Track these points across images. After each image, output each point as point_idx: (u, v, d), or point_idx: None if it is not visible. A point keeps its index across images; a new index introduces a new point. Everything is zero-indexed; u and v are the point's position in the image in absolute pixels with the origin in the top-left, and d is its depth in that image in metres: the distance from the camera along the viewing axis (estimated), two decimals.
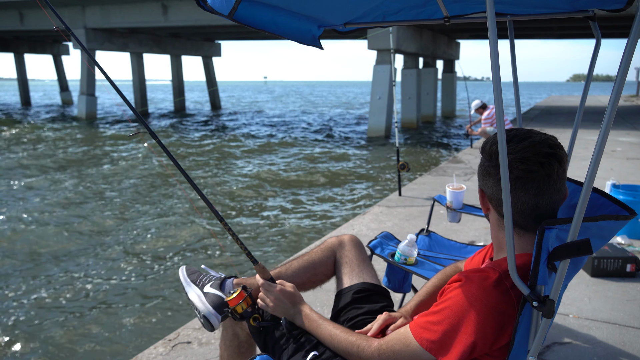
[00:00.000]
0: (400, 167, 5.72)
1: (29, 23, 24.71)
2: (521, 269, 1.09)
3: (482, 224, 4.65)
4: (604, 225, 1.13)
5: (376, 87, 19.04)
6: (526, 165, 1.10)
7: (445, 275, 1.64)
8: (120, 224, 7.27)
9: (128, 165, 12.22)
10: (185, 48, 31.52)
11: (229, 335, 1.73)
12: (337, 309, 1.69)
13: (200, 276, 1.68)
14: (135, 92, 28.17)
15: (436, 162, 12.34)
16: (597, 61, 1.47)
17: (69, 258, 5.96)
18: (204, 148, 15.35)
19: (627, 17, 7.09)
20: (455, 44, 28.03)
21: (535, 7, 1.55)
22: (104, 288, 5.11)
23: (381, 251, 2.44)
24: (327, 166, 12.17)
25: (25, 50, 36.23)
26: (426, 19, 1.73)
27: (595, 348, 2.55)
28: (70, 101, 40.73)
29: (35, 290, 5.07)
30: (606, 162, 7.98)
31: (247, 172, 11.49)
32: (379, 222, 4.88)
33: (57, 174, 11.10)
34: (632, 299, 3.10)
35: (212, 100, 36.69)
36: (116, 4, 22.20)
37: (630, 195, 4.12)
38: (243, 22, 1.38)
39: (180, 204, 8.40)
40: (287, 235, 6.76)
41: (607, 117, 0.96)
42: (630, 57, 0.95)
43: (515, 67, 1.65)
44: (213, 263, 5.81)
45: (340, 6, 1.55)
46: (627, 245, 3.88)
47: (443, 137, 18.41)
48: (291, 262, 1.80)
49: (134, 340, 4.07)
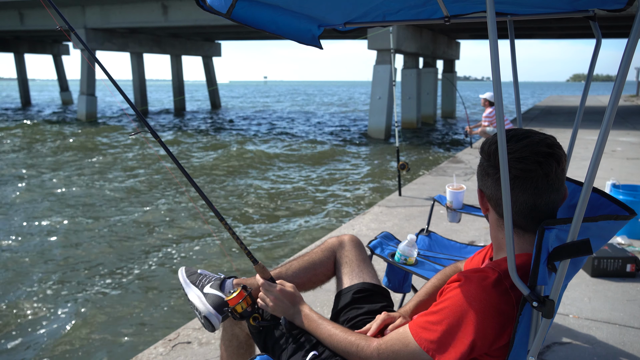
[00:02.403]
0: (400, 167, 5.73)
1: (29, 23, 24.71)
2: (521, 269, 1.09)
3: (482, 224, 4.65)
4: (604, 226, 1.13)
5: (376, 87, 19.03)
6: (524, 164, 1.10)
7: (445, 276, 1.64)
8: (120, 224, 7.27)
9: (128, 165, 12.22)
10: (185, 48, 31.56)
11: (229, 336, 1.73)
12: (337, 309, 1.69)
13: (200, 277, 1.68)
14: (135, 91, 28.20)
15: (436, 162, 12.33)
16: (597, 61, 1.47)
17: (68, 258, 5.95)
18: (203, 148, 15.34)
19: (628, 17, 7.09)
20: (455, 44, 28.03)
21: (536, 7, 1.55)
22: (103, 288, 5.11)
23: (381, 251, 2.44)
24: (327, 166, 12.17)
25: (25, 50, 36.24)
26: (426, 18, 1.74)
27: (595, 348, 2.55)
28: (71, 101, 40.76)
29: (34, 290, 5.07)
30: (606, 162, 7.97)
31: (247, 172, 11.49)
32: (379, 222, 4.88)
33: (57, 174, 11.10)
34: (632, 299, 3.10)
35: (212, 99, 36.74)
36: (116, 4, 22.20)
37: (630, 195, 4.11)
38: (242, 22, 1.38)
39: (180, 203, 8.40)
40: (287, 235, 6.76)
41: (607, 117, 0.96)
42: (631, 57, 0.95)
43: (515, 67, 1.65)
44: (213, 263, 5.81)
45: (341, 6, 1.55)
46: (627, 245, 3.88)
47: (443, 137, 18.41)
48: (291, 262, 1.81)
49: (133, 340, 4.07)
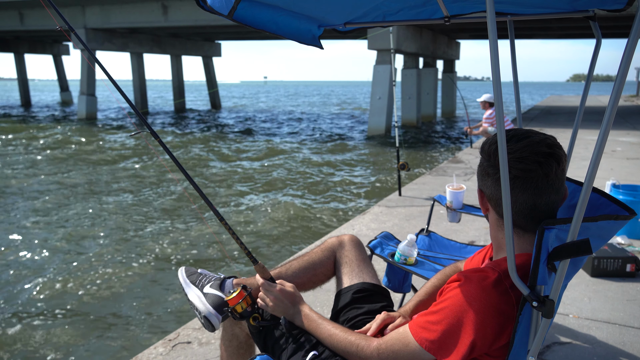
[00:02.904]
0: (400, 167, 5.72)
1: (29, 23, 24.71)
2: (521, 268, 1.09)
3: (482, 224, 4.64)
4: (604, 225, 1.13)
5: (376, 87, 19.04)
6: (524, 164, 1.10)
7: (445, 276, 1.64)
8: (119, 224, 7.27)
9: (128, 165, 12.21)
10: (185, 48, 31.57)
11: (229, 336, 1.73)
12: (337, 309, 1.69)
13: (200, 277, 1.68)
14: (135, 91, 28.21)
15: (436, 162, 12.33)
16: (597, 61, 1.47)
17: (67, 258, 5.95)
18: (203, 148, 15.34)
19: (628, 17, 7.09)
20: (455, 44, 28.03)
21: (536, 7, 1.55)
22: (103, 288, 5.11)
23: (381, 251, 2.44)
24: (327, 166, 12.17)
25: (25, 50, 36.25)
26: (426, 18, 1.74)
27: (595, 348, 2.55)
28: (71, 101, 40.77)
29: (33, 290, 5.07)
30: (606, 162, 7.97)
31: (247, 172, 11.49)
32: (379, 222, 4.88)
33: (56, 174, 11.10)
34: (632, 299, 3.10)
35: (212, 100, 36.75)
36: (116, 4, 22.20)
37: (630, 195, 4.12)
38: (243, 22, 1.38)
39: (179, 203, 8.40)
40: (286, 235, 6.76)
41: (607, 117, 0.96)
42: (631, 57, 0.95)
43: (515, 67, 1.65)
44: (213, 263, 5.81)
45: (341, 6, 1.55)
46: (627, 245, 3.88)
47: (443, 137, 18.41)
48: (291, 262, 1.80)
49: (133, 340, 4.07)
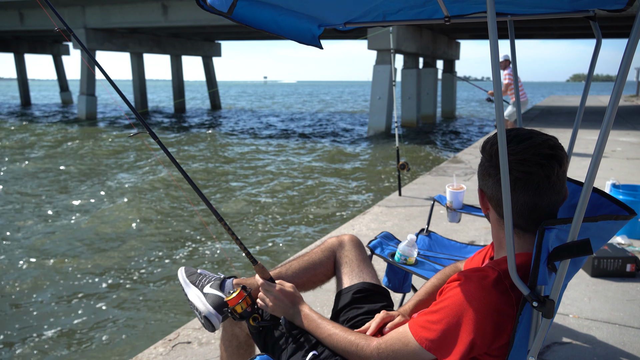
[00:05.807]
0: (400, 167, 5.72)
1: (29, 23, 24.71)
2: (521, 268, 1.09)
3: (482, 224, 4.64)
4: (604, 226, 1.12)
5: (376, 87, 19.04)
6: (526, 166, 1.10)
7: (445, 275, 1.64)
8: (119, 224, 7.27)
9: (127, 166, 12.21)
10: (185, 48, 31.56)
11: (229, 336, 1.73)
12: (337, 309, 1.69)
13: (200, 277, 1.68)
14: (135, 92, 28.19)
15: (436, 162, 12.33)
16: (598, 61, 1.47)
17: (67, 258, 5.95)
18: (203, 148, 15.34)
19: (628, 17, 7.08)
20: (455, 44, 28.03)
21: (536, 7, 1.55)
22: (103, 288, 5.11)
23: (381, 251, 2.44)
24: (326, 166, 12.17)
25: (25, 50, 36.25)
26: (426, 18, 1.73)
27: (595, 348, 2.55)
28: (70, 101, 40.76)
29: (33, 290, 5.07)
30: (606, 162, 7.97)
31: (247, 172, 11.49)
32: (379, 222, 4.88)
33: (56, 174, 11.10)
34: (632, 299, 3.10)
35: (212, 100, 36.75)
36: (116, 4, 22.20)
37: (630, 195, 4.11)
38: (242, 21, 1.38)
39: (179, 204, 8.40)
40: (286, 236, 6.76)
41: (607, 117, 0.96)
42: (631, 57, 0.95)
43: (516, 67, 1.65)
44: (212, 263, 5.81)
45: (341, 5, 1.55)
46: (627, 245, 3.88)
47: (443, 137, 18.41)
48: (291, 262, 1.80)
49: (133, 340, 4.07)
